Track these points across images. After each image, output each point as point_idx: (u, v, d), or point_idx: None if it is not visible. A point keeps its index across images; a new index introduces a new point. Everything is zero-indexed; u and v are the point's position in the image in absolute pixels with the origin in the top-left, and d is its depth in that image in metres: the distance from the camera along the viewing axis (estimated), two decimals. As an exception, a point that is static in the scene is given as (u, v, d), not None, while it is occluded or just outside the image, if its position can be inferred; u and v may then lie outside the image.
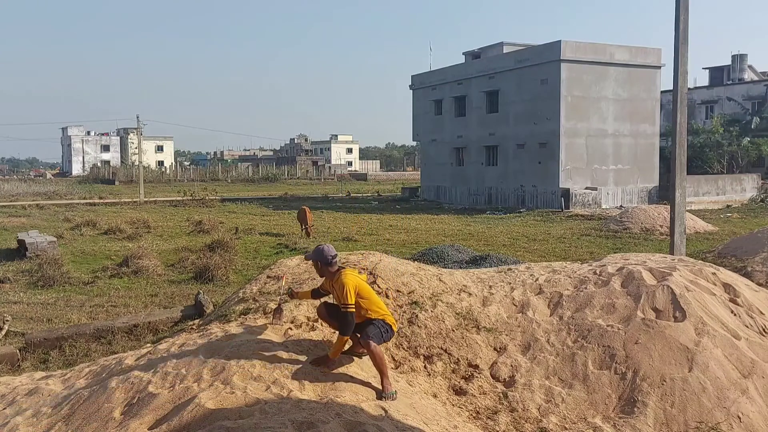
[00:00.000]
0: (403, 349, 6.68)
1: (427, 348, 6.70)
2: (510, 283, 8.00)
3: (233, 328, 6.63)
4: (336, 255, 5.86)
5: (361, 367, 5.83)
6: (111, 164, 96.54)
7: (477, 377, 6.37)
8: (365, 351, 5.65)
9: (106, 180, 72.39)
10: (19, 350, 8.93)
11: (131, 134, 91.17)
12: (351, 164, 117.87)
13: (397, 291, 7.51)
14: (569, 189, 33.82)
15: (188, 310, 10.70)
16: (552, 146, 34.70)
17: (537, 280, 8.02)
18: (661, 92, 38.04)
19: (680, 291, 7.07)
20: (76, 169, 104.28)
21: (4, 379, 7.01)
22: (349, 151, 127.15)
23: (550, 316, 7.18)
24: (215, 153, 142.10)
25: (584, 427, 5.74)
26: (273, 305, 7.04)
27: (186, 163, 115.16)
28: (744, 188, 38.50)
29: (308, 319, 6.81)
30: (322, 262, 5.80)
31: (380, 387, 5.52)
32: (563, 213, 31.67)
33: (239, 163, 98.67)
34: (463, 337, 6.83)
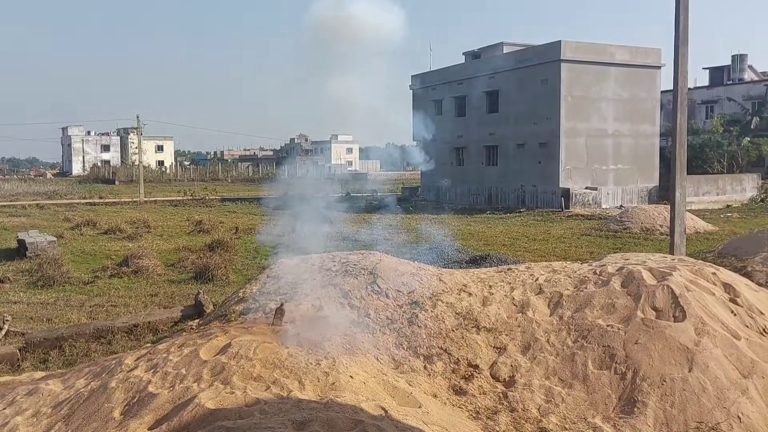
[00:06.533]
0: (403, 349, 6.68)
1: (427, 348, 6.70)
2: (510, 283, 8.00)
3: (233, 328, 6.63)
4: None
5: (362, 368, 5.83)
6: (111, 164, 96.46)
7: (477, 377, 6.37)
8: None
9: (106, 180, 72.34)
10: (19, 350, 8.92)
11: (131, 134, 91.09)
12: (351, 164, 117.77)
13: (397, 291, 7.51)
14: (569, 189, 33.81)
15: (188, 310, 10.69)
16: (552, 146, 34.69)
17: (537, 280, 8.02)
18: (661, 92, 38.01)
19: (680, 291, 7.06)
20: (76, 168, 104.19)
21: (4, 379, 7.01)
22: (349, 151, 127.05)
23: (550, 316, 7.17)
24: (215, 153, 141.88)
25: (584, 427, 5.73)
26: (273, 305, 7.04)
27: (186, 163, 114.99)
28: (744, 188, 38.47)
29: (308, 319, 6.81)
30: None
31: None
32: (563, 213, 31.65)
33: (239, 163, 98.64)
34: (463, 337, 6.83)
